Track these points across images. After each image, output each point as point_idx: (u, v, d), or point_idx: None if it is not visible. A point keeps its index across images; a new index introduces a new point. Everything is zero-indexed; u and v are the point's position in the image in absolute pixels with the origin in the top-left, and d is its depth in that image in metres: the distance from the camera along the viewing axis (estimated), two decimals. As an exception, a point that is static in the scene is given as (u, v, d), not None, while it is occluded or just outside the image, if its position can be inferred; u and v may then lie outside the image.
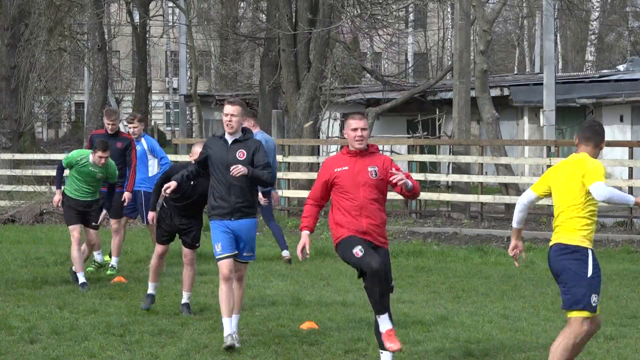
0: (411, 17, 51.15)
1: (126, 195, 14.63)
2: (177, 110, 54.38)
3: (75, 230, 13.55)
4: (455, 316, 11.78)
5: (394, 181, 8.79)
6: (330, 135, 33.99)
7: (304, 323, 11.05)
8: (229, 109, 9.94)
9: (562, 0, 30.28)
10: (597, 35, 48.42)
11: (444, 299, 13.09)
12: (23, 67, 28.15)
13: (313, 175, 25.67)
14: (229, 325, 9.96)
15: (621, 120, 30.10)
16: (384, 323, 8.71)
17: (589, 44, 48.72)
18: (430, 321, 11.40)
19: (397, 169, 8.89)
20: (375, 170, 8.86)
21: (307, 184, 24.95)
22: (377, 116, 30.50)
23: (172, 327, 10.96)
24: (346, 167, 8.87)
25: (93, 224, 13.78)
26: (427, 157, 23.98)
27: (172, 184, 10.48)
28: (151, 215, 11.92)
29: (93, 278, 14.35)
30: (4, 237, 19.54)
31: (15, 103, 28.07)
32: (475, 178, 22.45)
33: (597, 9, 46.54)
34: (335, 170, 8.90)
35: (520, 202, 8.55)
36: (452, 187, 24.86)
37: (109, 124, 14.88)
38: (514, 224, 8.65)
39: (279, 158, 23.62)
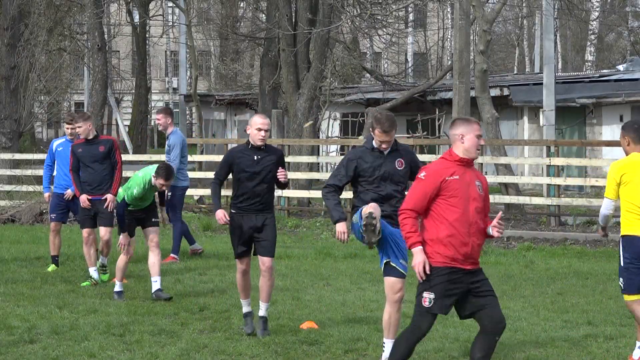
0: (411, 17, 51.21)
1: (109, 197, 13.81)
2: (177, 110, 54.38)
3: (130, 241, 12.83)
4: (455, 316, 11.77)
5: (493, 234, 8.18)
6: (330, 135, 34.00)
7: (304, 323, 11.05)
8: (384, 136, 9.13)
9: (562, 0, 30.28)
10: (596, 35, 48.43)
11: (443, 299, 13.07)
12: (23, 67, 28.15)
13: (313, 175, 25.72)
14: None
15: (621, 120, 30.09)
16: None
17: (588, 43, 48.74)
18: (430, 321, 11.38)
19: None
20: (480, 186, 8.08)
21: (307, 184, 24.98)
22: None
23: (172, 327, 10.97)
24: (457, 177, 7.96)
25: (153, 219, 12.97)
26: (427, 157, 23.93)
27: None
28: (220, 214, 10.47)
29: (93, 278, 14.37)
30: (4, 237, 19.54)
31: (15, 103, 28.08)
32: (475, 178, 22.42)
33: (597, 9, 46.56)
34: (446, 178, 7.92)
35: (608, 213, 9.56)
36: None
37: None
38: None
39: (279, 158, 23.63)
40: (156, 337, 10.49)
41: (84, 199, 13.95)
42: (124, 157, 18.80)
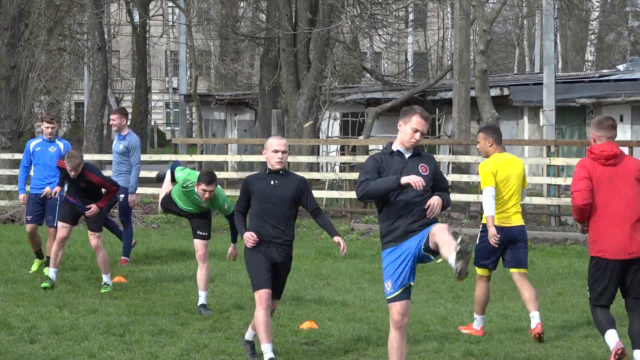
0: (411, 17, 51.19)
1: (94, 207, 13.49)
2: (177, 110, 54.43)
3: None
4: (455, 316, 11.79)
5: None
6: (330, 135, 33.98)
7: (304, 323, 11.05)
8: (422, 124, 8.44)
9: (562, 0, 30.27)
10: (597, 35, 48.43)
11: (444, 299, 13.10)
12: (23, 67, 28.16)
13: (313, 175, 25.70)
14: None
15: (621, 120, 30.09)
16: None
17: (588, 43, 48.74)
18: (430, 321, 11.40)
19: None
20: None
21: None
22: (377, 116, 30.49)
23: (172, 327, 10.97)
24: None
25: (199, 232, 12.25)
26: (426, 157, 23.93)
27: None
28: (248, 234, 9.47)
29: (93, 277, 14.35)
30: (4, 237, 19.53)
31: (15, 103, 28.07)
32: (475, 178, 22.43)
33: (597, 9, 46.55)
34: None
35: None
36: (452, 187, 24.85)
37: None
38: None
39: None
40: (156, 337, 10.49)
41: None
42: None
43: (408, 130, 8.41)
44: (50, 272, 13.77)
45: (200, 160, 26.64)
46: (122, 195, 15.98)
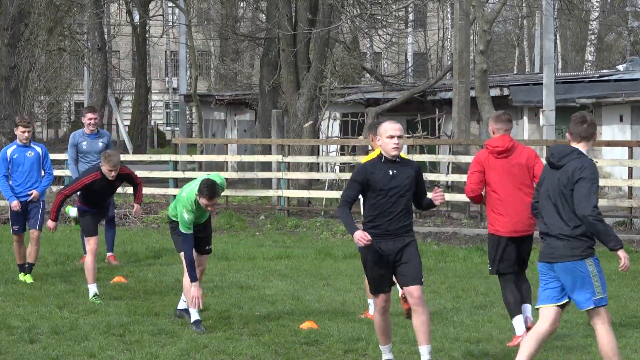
0: (411, 17, 51.18)
1: (136, 207, 13.82)
2: (177, 110, 54.40)
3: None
4: (455, 316, 11.79)
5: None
6: (330, 135, 33.98)
7: (304, 323, 11.05)
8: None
9: (561, 0, 30.27)
10: (596, 35, 48.45)
11: (444, 299, 13.09)
12: (23, 67, 28.19)
13: (313, 175, 25.71)
14: None
15: (621, 120, 30.09)
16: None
17: (588, 43, 48.76)
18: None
19: None
20: None
21: (307, 184, 24.96)
22: (377, 116, 30.46)
23: (172, 327, 10.97)
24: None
25: (207, 247, 11.54)
26: (426, 157, 23.97)
27: None
28: (359, 234, 8.72)
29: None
30: (4, 237, 19.51)
31: (15, 103, 28.11)
32: (475, 178, 22.42)
33: (597, 9, 46.57)
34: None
35: None
36: (451, 187, 24.85)
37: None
38: None
39: (279, 158, 23.62)
40: (156, 337, 10.49)
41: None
42: (124, 157, 18.80)
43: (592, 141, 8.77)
44: (92, 288, 12.75)
45: (200, 161, 26.66)
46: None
